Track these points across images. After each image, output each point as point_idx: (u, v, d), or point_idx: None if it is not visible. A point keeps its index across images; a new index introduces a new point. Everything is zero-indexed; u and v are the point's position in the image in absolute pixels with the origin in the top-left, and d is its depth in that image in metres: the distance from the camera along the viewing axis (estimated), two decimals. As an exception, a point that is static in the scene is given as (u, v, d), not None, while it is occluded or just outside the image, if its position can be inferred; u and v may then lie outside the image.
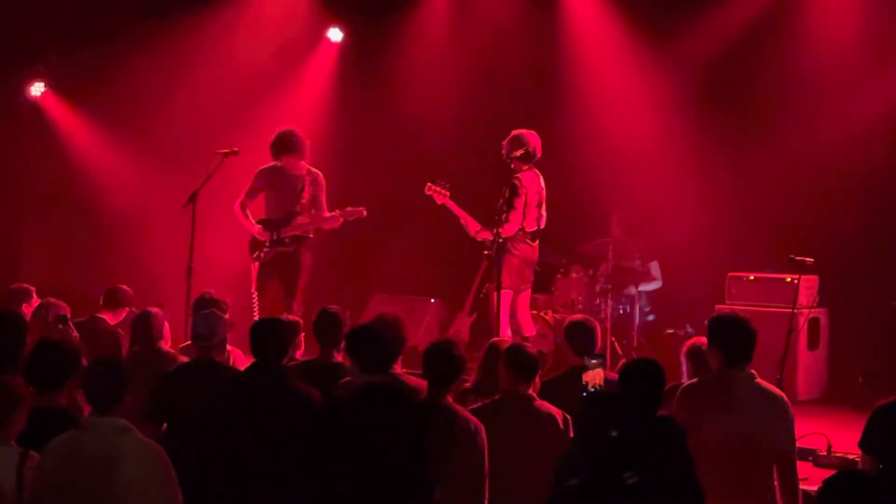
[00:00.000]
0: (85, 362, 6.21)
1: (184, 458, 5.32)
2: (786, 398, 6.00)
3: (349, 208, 10.19)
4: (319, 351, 7.17)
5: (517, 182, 9.60)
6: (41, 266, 11.51)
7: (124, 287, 9.04)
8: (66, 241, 12.24)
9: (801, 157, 10.87)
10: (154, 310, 7.71)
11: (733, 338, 5.96)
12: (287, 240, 10.10)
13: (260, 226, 10.14)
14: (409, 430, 5.12)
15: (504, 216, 9.53)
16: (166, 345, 7.64)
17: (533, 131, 9.72)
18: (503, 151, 9.68)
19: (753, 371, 5.96)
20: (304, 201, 10.18)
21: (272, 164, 10.18)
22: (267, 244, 10.12)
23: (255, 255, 10.16)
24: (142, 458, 5.05)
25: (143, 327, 7.57)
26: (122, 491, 4.97)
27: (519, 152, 9.60)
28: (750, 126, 11.21)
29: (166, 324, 7.72)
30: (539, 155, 9.71)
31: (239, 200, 10.15)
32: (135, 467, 5.01)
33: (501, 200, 9.61)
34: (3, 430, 5.10)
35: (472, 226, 9.85)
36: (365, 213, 10.23)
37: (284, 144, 10.09)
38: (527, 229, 9.68)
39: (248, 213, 10.18)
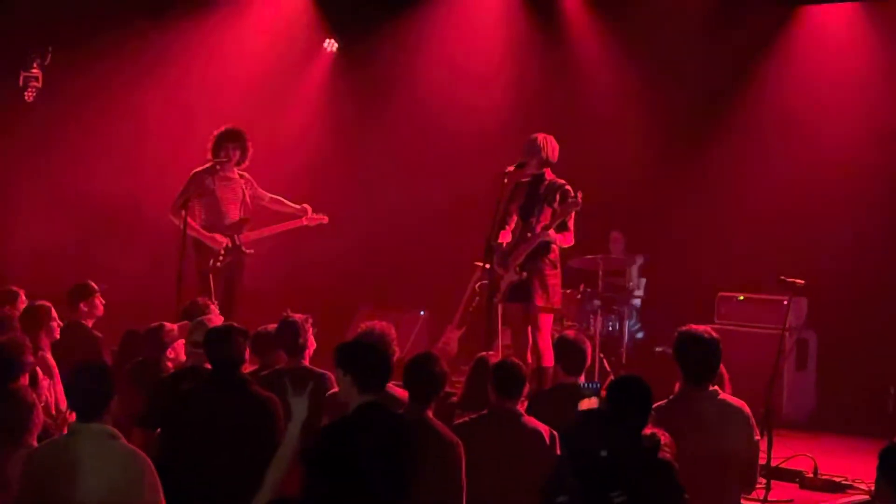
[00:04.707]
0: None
1: (170, 465, 5.29)
2: (747, 409, 5.93)
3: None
4: (287, 359, 7.12)
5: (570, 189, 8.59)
6: (30, 270, 11.42)
7: (79, 283, 8.88)
8: (54, 246, 12.16)
9: (794, 178, 10.89)
10: (168, 325, 7.62)
11: (693, 356, 5.91)
12: (244, 246, 9.83)
13: (216, 233, 9.73)
14: (403, 452, 5.09)
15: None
16: (169, 361, 7.53)
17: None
18: (544, 160, 8.71)
19: (716, 388, 5.92)
20: (249, 205, 9.94)
21: (206, 166, 9.76)
22: (222, 252, 9.74)
23: (210, 264, 9.69)
24: (127, 465, 5.02)
25: (154, 339, 7.51)
26: (107, 498, 4.94)
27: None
28: (743, 146, 11.22)
29: (181, 342, 7.55)
30: None
31: (176, 205, 9.53)
32: (120, 474, 4.97)
33: (555, 206, 8.54)
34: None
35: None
36: (326, 220, 10.02)
37: (243, 149, 9.81)
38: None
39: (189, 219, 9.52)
